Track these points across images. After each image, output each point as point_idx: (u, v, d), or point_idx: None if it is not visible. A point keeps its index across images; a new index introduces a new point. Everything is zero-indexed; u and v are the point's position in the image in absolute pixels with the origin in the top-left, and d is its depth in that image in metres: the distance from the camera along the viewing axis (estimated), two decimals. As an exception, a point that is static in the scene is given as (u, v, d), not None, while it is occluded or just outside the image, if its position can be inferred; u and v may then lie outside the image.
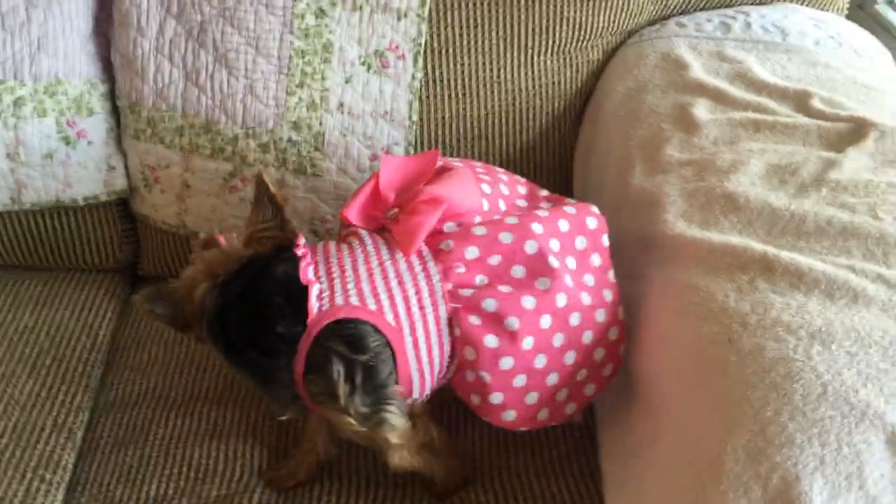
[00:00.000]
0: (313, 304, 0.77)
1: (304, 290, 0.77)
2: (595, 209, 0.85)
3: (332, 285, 0.79)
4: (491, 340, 0.78)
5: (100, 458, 0.96)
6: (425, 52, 1.07)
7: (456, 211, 0.82)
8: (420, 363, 0.80)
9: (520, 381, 0.80)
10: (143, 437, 0.98)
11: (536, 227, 0.81)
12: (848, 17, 1.21)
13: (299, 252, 0.79)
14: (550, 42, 1.09)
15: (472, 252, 0.80)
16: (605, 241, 0.85)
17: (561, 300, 0.79)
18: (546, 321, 0.79)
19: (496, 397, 0.80)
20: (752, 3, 1.17)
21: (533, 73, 1.10)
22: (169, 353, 1.08)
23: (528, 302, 0.79)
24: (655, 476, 0.73)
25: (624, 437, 0.81)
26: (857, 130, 0.90)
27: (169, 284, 0.81)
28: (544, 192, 0.91)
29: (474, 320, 0.79)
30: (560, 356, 0.81)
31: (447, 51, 1.08)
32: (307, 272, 0.78)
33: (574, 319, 0.80)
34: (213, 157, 1.08)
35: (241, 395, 1.01)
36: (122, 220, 1.17)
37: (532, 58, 1.09)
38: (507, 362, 0.79)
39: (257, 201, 0.83)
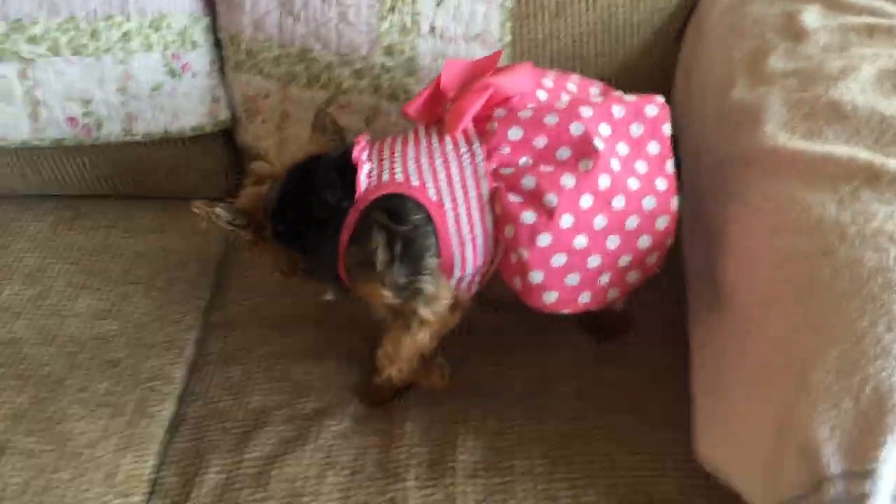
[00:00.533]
0: (362, 180, 0.81)
1: (355, 170, 0.82)
2: (660, 98, 0.83)
3: (380, 165, 0.82)
4: (528, 216, 0.78)
5: (207, 373, 1.01)
6: (517, -31, 1.05)
7: (506, 95, 0.82)
8: (462, 239, 0.82)
9: (559, 260, 0.80)
10: (247, 354, 1.02)
11: (585, 111, 0.80)
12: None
13: (357, 139, 0.84)
14: (649, -47, 1.05)
15: (515, 133, 0.80)
16: (667, 129, 0.82)
17: (604, 181, 0.78)
18: (587, 201, 0.78)
19: (536, 276, 0.80)
20: None
21: (630, -14, 1.06)
22: (271, 277, 1.12)
23: (568, 180, 0.78)
24: (745, 390, 0.71)
25: (714, 353, 0.79)
26: (983, 31, 0.83)
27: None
28: (618, 94, 0.88)
29: (513, 198, 0.79)
30: (602, 239, 0.80)
31: (539, -33, 1.05)
32: (360, 153, 0.83)
33: (618, 203, 0.79)
34: (309, 86, 1.10)
35: (337, 319, 1.04)
36: (227, 151, 1.22)
37: (629, -30, 1.05)
38: (544, 239, 0.79)
39: (315, 128, 0.90)
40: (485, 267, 0.85)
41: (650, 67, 1.10)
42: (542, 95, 0.84)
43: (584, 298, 0.83)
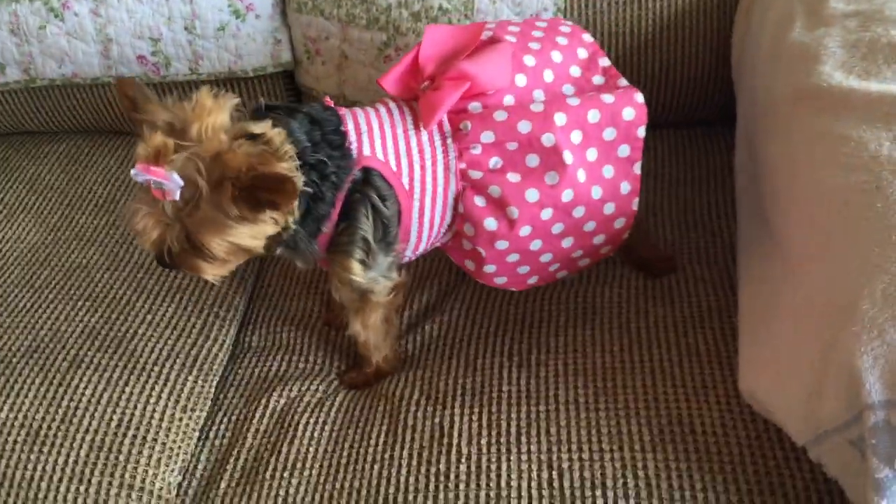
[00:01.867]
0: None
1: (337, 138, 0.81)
2: (639, 98, 0.83)
3: (359, 139, 0.82)
4: (491, 223, 0.83)
5: (268, 304, 1.06)
6: (577, -89, 1.05)
7: (482, 89, 0.82)
8: (421, 226, 0.86)
9: (513, 258, 0.85)
10: (305, 289, 1.07)
11: (559, 119, 0.81)
12: None
13: (330, 102, 0.85)
14: None
15: (487, 136, 0.82)
16: (641, 132, 0.84)
17: (567, 196, 0.82)
18: (547, 214, 0.82)
19: (489, 268, 0.87)
20: None
21: (690, -71, 1.05)
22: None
23: (532, 195, 0.81)
24: (791, 323, 0.72)
25: (762, 287, 0.80)
26: None
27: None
28: (605, 63, 0.88)
29: (479, 202, 0.83)
30: (557, 241, 0.85)
31: None
32: (346, 125, 0.82)
33: (578, 212, 0.83)
34: (368, 28, 1.12)
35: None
36: (288, 92, 1.25)
37: (690, -88, 1.04)
38: (502, 244, 0.84)
39: (123, 97, 0.83)
40: (432, 246, 0.90)
41: (707, 12, 1.10)
42: (520, 80, 0.84)
43: (532, 280, 0.90)
